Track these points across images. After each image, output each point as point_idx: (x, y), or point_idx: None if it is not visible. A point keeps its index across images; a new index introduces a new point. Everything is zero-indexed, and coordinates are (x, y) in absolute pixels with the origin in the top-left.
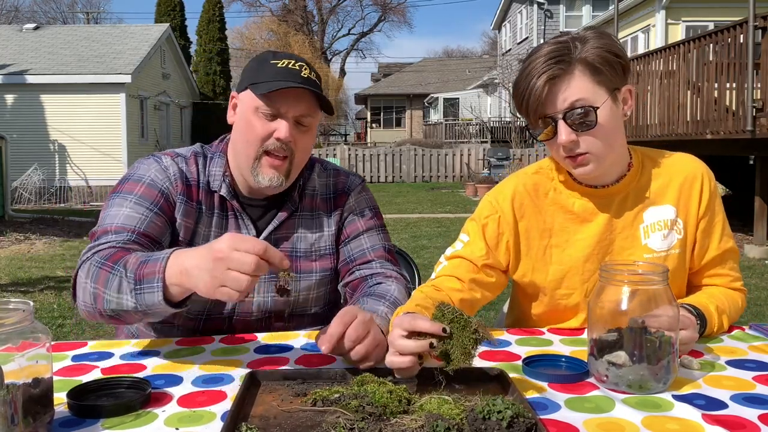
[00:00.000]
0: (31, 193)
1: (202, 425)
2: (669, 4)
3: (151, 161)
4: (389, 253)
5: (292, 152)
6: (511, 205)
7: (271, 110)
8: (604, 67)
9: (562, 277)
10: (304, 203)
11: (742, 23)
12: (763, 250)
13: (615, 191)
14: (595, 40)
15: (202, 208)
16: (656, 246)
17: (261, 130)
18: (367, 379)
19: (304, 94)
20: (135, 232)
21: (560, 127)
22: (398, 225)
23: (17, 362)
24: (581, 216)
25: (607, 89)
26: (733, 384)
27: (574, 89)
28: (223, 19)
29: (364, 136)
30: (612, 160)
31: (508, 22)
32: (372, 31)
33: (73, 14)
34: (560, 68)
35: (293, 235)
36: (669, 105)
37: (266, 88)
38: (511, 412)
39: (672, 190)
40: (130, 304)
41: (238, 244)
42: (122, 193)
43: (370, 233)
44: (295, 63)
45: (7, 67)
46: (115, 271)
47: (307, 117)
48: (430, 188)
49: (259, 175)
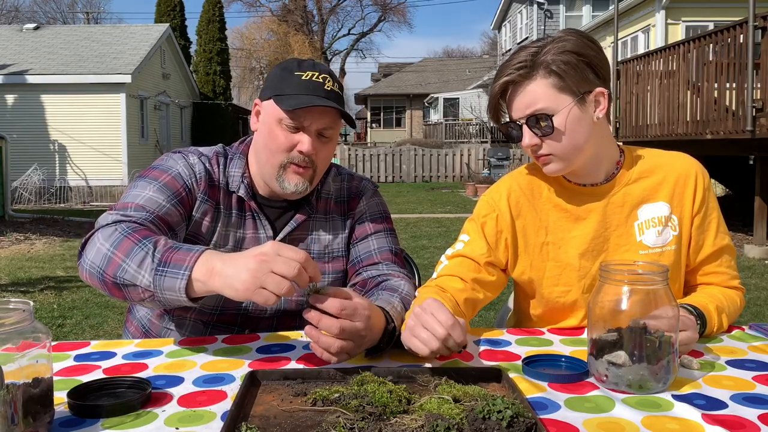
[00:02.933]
0: (31, 193)
1: (202, 425)
2: (669, 4)
3: (178, 156)
4: (396, 256)
5: (314, 163)
6: (507, 204)
7: (294, 123)
8: (567, 73)
9: (559, 274)
10: (318, 206)
11: (742, 23)
12: (763, 250)
13: (607, 189)
14: (567, 43)
15: (220, 208)
16: (651, 242)
17: (284, 141)
18: (367, 378)
19: (328, 108)
20: (154, 213)
21: (524, 131)
22: (398, 225)
23: (17, 362)
24: (575, 214)
25: (572, 94)
26: (732, 384)
27: (532, 96)
28: (223, 19)
29: (364, 136)
30: (586, 159)
31: (508, 22)
32: (372, 31)
33: (73, 14)
34: (520, 75)
35: (308, 236)
36: (669, 105)
37: (291, 104)
38: (511, 411)
39: (666, 187)
40: (145, 281)
41: (282, 250)
42: (148, 178)
43: (378, 235)
44: (319, 75)
45: (7, 67)
46: (142, 245)
47: (329, 130)
48: (430, 188)
49: (285, 182)
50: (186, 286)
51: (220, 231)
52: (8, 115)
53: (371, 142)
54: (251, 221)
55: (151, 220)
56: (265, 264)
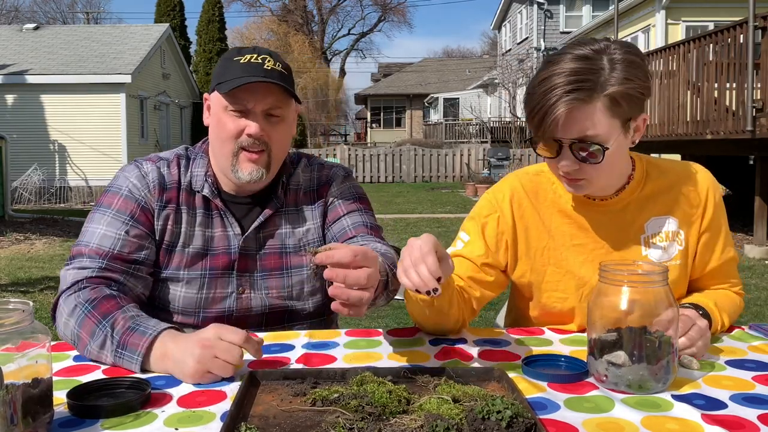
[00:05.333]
0: (31, 193)
1: (202, 425)
2: (669, 4)
3: (132, 167)
4: (372, 229)
5: (268, 145)
6: (510, 205)
7: (238, 107)
8: (624, 101)
9: (558, 280)
10: (288, 199)
11: (742, 23)
12: (763, 250)
13: (615, 202)
14: (625, 69)
15: (183, 209)
16: (656, 258)
17: (232, 127)
18: (367, 379)
19: (270, 86)
20: (108, 255)
21: (564, 152)
22: (398, 225)
23: (17, 362)
24: (579, 222)
25: (622, 120)
26: (732, 384)
27: (589, 122)
28: (222, 19)
29: (364, 136)
30: (608, 180)
31: (508, 22)
32: (372, 31)
33: (73, 14)
34: (581, 98)
35: (280, 231)
36: (669, 105)
37: (229, 86)
38: (510, 412)
39: (675, 200)
40: (109, 360)
41: (224, 333)
42: (102, 207)
43: (352, 215)
44: (258, 56)
45: (7, 67)
46: (102, 327)
47: (277, 109)
48: (430, 188)
49: (238, 171)
50: (142, 368)
51: (186, 231)
52: (8, 115)
53: (371, 142)
54: (219, 219)
55: (105, 266)
56: (208, 350)
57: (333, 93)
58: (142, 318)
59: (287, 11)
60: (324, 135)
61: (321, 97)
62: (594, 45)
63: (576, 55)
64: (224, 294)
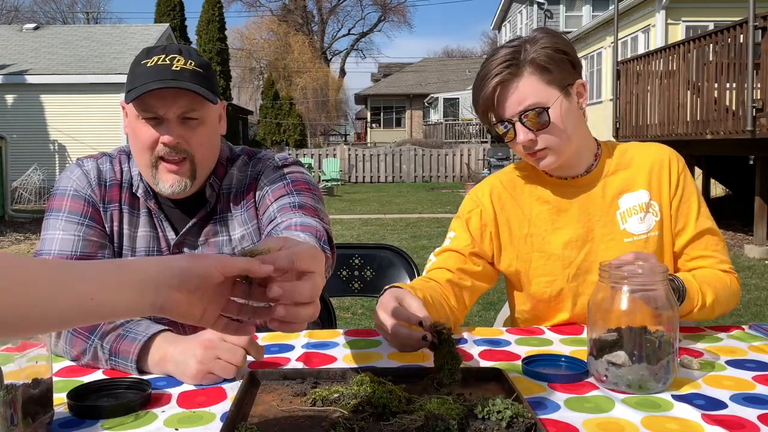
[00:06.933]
0: (31, 193)
1: (202, 426)
2: (669, 4)
3: (74, 167)
4: (300, 208)
5: (188, 153)
6: (489, 199)
7: (149, 114)
8: (552, 66)
9: (544, 264)
10: (222, 204)
11: (742, 23)
12: (763, 250)
13: (587, 180)
14: (543, 39)
15: (124, 208)
16: (635, 229)
17: (147, 137)
18: (367, 378)
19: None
20: (72, 260)
21: (518, 128)
22: (398, 225)
23: (17, 363)
24: (557, 206)
25: (558, 87)
26: (732, 384)
27: (525, 92)
28: (222, 19)
29: (364, 136)
30: (573, 150)
31: (508, 22)
32: (372, 31)
33: (73, 14)
34: (509, 72)
35: (215, 239)
36: (669, 105)
37: (135, 94)
38: (510, 412)
39: (643, 175)
40: (108, 367)
41: (227, 335)
42: (53, 212)
43: (280, 200)
44: (167, 57)
45: (7, 67)
46: (90, 341)
47: (192, 111)
48: (430, 188)
49: (160, 182)
50: (140, 372)
51: (130, 233)
52: (8, 115)
53: (371, 142)
54: (158, 221)
55: None
56: (210, 351)
57: (333, 93)
58: (132, 324)
59: (287, 11)
60: (324, 135)
61: (321, 97)
62: (519, 39)
63: (503, 47)
64: None
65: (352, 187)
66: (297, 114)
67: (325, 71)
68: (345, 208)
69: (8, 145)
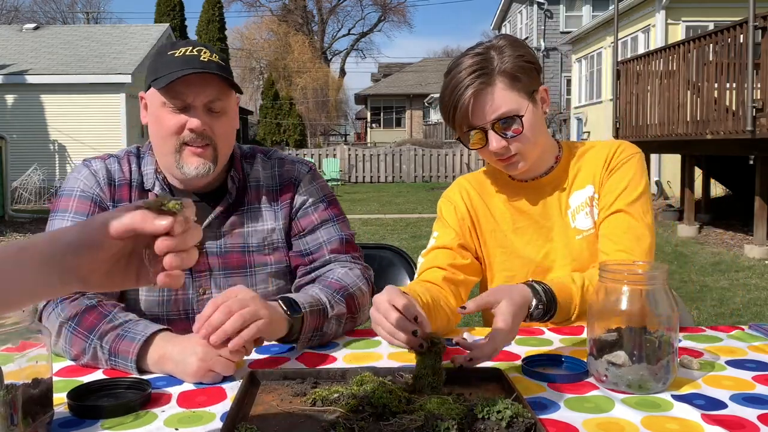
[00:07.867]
0: (31, 193)
1: (202, 425)
2: (669, 4)
3: (81, 167)
4: (347, 244)
5: (212, 140)
6: (460, 196)
7: (177, 102)
8: (521, 75)
9: (506, 260)
10: (250, 196)
11: (742, 23)
12: (763, 250)
13: (545, 182)
14: (511, 49)
15: None
16: (583, 225)
17: (173, 123)
18: (367, 378)
19: (209, 78)
20: None
21: (490, 136)
22: (398, 225)
23: (17, 363)
24: (518, 207)
25: (526, 94)
26: (732, 384)
27: (498, 101)
28: (222, 19)
29: (364, 136)
30: (538, 154)
31: (508, 22)
32: (372, 31)
33: (73, 14)
34: (482, 82)
35: (242, 230)
36: (669, 105)
37: (165, 81)
38: (510, 412)
39: (591, 170)
40: (108, 367)
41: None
42: (59, 212)
43: (326, 225)
44: (193, 49)
45: (7, 67)
46: (90, 341)
47: (217, 101)
48: (430, 188)
49: (184, 166)
50: (139, 371)
51: None
52: (8, 115)
53: (371, 142)
54: None
55: None
56: (211, 348)
57: (333, 93)
58: (130, 323)
59: (287, 11)
60: (324, 135)
61: (321, 97)
62: (482, 45)
63: (469, 55)
64: (186, 295)
65: (352, 187)
66: (297, 114)
67: (325, 71)
68: (345, 208)
69: (8, 145)
